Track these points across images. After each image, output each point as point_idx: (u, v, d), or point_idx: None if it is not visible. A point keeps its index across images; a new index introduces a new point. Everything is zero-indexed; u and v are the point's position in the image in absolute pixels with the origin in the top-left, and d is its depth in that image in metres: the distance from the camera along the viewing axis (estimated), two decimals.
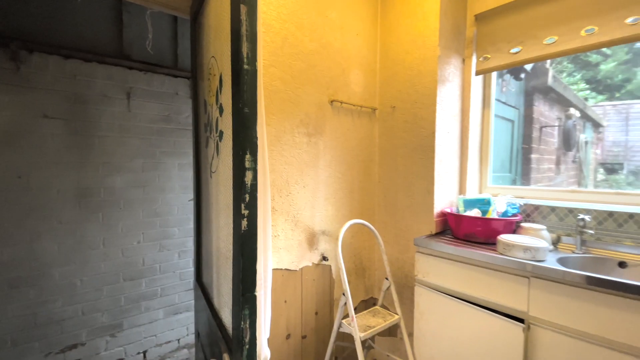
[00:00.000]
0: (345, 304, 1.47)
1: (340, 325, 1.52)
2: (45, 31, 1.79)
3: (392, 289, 1.63)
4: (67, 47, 1.83)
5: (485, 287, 1.34)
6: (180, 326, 2.33)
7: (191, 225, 2.37)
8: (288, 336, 1.57)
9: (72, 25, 1.86)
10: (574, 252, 1.40)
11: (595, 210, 1.44)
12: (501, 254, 1.31)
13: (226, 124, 0.92)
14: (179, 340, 2.32)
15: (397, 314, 1.59)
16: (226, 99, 0.91)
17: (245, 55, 0.74)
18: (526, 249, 1.25)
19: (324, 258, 1.69)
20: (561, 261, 1.26)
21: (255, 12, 0.75)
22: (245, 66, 0.74)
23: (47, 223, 1.79)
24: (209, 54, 1.11)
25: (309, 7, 1.58)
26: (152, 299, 2.19)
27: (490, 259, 1.32)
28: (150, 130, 2.15)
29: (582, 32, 1.47)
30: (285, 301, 1.54)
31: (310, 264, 1.64)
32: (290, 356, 1.58)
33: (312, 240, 1.64)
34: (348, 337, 1.70)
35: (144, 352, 2.16)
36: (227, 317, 0.94)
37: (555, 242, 1.50)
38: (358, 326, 1.47)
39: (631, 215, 1.36)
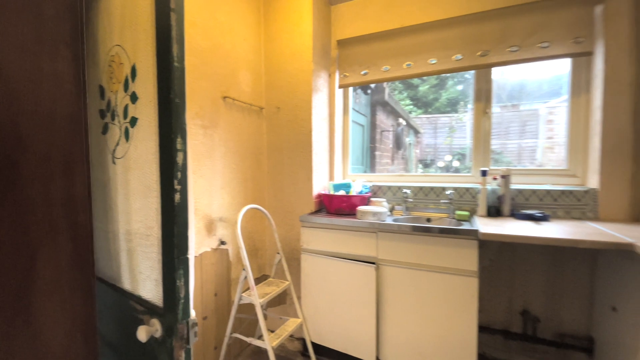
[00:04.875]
0: (246, 278, 1.68)
1: (240, 299, 1.71)
2: None
3: (283, 260, 1.94)
4: None
5: (350, 244, 1.82)
6: None
7: None
8: None
9: None
10: (402, 215, 2.05)
11: (412, 187, 2.14)
12: (359, 219, 1.81)
13: (143, 111, 1.00)
14: None
15: (288, 280, 1.91)
16: (143, 88, 0.99)
17: (175, 55, 0.88)
18: (374, 214, 1.79)
19: (222, 242, 1.83)
20: (395, 220, 1.85)
21: (183, 18, 0.90)
22: (176, 64, 0.88)
23: None
24: (110, 42, 1.11)
25: (200, 8, 1.69)
26: None
27: (352, 223, 1.80)
28: None
29: (404, 65, 2.15)
30: None
31: (209, 249, 1.76)
32: None
33: (210, 226, 1.76)
34: (246, 310, 1.91)
35: None
36: (150, 290, 1.02)
37: (391, 210, 2.14)
38: (257, 294, 1.70)
39: (432, 188, 2.10)
